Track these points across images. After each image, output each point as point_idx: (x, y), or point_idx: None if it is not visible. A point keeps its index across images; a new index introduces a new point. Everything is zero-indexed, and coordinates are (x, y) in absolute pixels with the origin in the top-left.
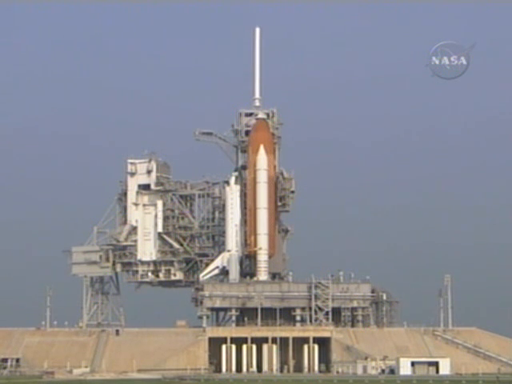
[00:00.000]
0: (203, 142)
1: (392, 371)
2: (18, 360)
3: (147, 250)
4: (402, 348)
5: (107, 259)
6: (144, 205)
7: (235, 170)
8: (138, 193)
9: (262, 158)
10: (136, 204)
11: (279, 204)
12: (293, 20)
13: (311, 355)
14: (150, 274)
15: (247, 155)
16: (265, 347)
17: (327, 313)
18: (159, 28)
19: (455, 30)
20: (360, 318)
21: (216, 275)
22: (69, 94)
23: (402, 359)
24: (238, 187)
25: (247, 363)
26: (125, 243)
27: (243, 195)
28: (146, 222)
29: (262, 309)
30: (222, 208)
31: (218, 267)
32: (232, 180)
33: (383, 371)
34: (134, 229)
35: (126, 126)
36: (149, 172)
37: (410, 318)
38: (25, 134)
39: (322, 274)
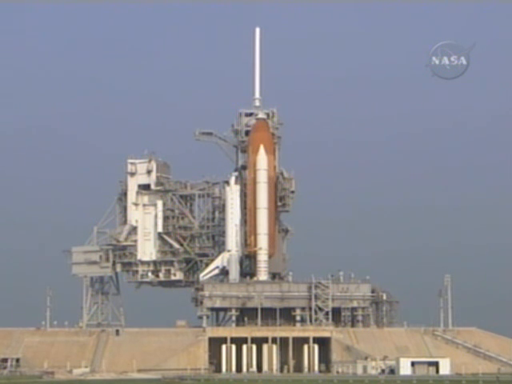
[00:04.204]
0: (203, 142)
1: (392, 371)
2: (18, 360)
3: (147, 249)
4: (401, 348)
5: (107, 259)
6: (144, 205)
7: (235, 170)
8: (137, 193)
9: (261, 158)
10: (136, 204)
11: (279, 204)
12: (293, 20)
13: (311, 355)
14: (149, 274)
15: (247, 155)
16: (265, 347)
17: (327, 313)
18: (159, 28)
19: (455, 30)
20: (360, 317)
21: (216, 275)
22: (69, 94)
23: (401, 359)
24: (237, 187)
25: (247, 363)
26: (125, 243)
27: (243, 195)
28: (146, 221)
29: (262, 309)
30: (222, 208)
31: (217, 267)
32: (232, 180)
33: (383, 371)
34: (134, 229)
35: (126, 126)
36: (149, 172)
37: (410, 318)
38: (24, 134)
39: (322, 274)
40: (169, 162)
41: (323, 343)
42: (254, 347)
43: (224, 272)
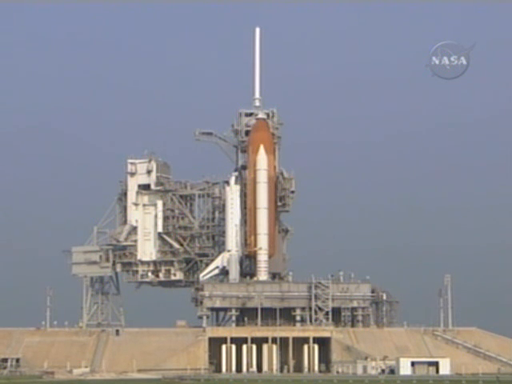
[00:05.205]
0: (203, 142)
1: (392, 371)
2: (18, 360)
3: (147, 249)
4: (401, 348)
5: (107, 259)
6: (144, 205)
7: (235, 170)
8: (137, 193)
9: (261, 158)
10: (136, 204)
11: (279, 204)
12: (293, 20)
13: (311, 355)
14: (150, 274)
15: (247, 155)
16: (265, 347)
17: (327, 313)
18: (159, 28)
19: (455, 30)
20: (360, 317)
21: (216, 275)
22: (69, 94)
23: (401, 359)
24: (237, 187)
25: (247, 363)
26: (125, 243)
27: (243, 195)
28: (146, 221)
29: (262, 309)
30: (222, 208)
31: (218, 267)
32: (232, 180)
33: (383, 371)
34: (134, 229)
35: (126, 126)
36: (149, 172)
37: (410, 318)
38: (24, 134)
39: (322, 274)
40: (169, 162)
41: (323, 343)
42: (254, 347)
43: (224, 272)
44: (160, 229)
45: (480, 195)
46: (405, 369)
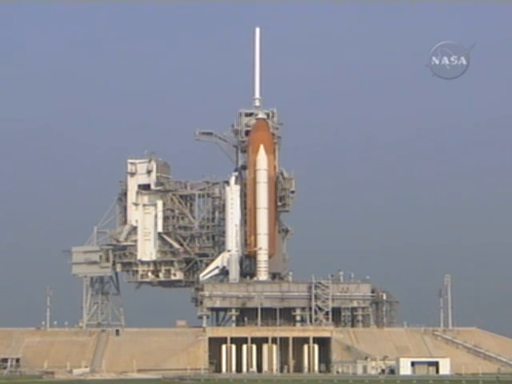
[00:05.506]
0: (203, 142)
1: (392, 371)
2: (18, 360)
3: (147, 249)
4: (401, 348)
5: (107, 259)
6: (144, 205)
7: (235, 170)
8: (138, 193)
9: (261, 158)
10: (136, 204)
11: (279, 204)
12: (293, 20)
13: (311, 355)
14: (150, 274)
15: (247, 155)
16: (265, 347)
17: (327, 313)
18: (159, 28)
19: (455, 30)
20: (360, 317)
21: (216, 275)
22: (69, 94)
23: (401, 359)
24: (237, 187)
25: (247, 363)
26: (125, 243)
27: (243, 195)
28: (146, 221)
29: (262, 309)
30: (222, 208)
31: (218, 267)
32: (232, 180)
33: (383, 371)
34: (134, 229)
35: (126, 126)
36: (149, 172)
37: (410, 318)
38: (24, 134)
39: (322, 274)
40: (169, 162)
41: (323, 343)
42: (254, 347)
43: (224, 272)
44: (160, 229)
45: (480, 195)
46: (405, 369)
